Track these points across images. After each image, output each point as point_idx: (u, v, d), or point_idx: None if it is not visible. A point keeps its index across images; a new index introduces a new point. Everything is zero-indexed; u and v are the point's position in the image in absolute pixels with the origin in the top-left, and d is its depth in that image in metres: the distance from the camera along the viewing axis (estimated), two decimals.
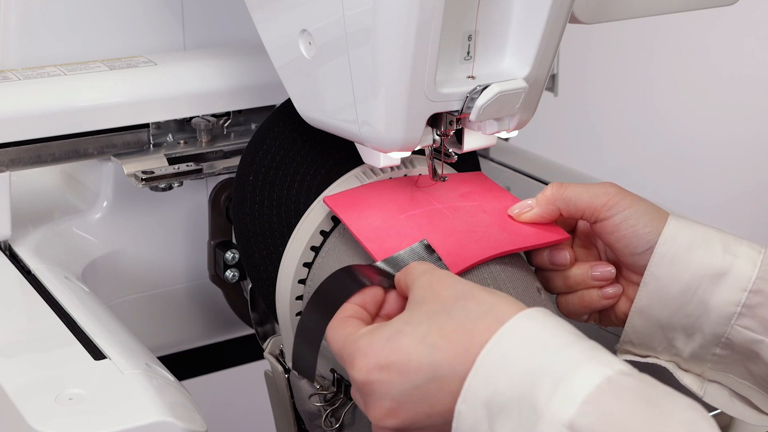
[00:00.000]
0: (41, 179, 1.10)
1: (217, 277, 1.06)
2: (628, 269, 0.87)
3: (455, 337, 0.68)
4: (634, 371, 0.65)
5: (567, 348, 0.66)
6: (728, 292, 0.82)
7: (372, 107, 0.79)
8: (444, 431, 0.69)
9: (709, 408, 0.88)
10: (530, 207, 0.86)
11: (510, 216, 0.87)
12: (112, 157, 1.00)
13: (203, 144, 1.04)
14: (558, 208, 0.86)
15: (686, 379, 0.86)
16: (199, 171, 1.01)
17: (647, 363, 0.87)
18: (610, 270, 0.87)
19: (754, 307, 0.82)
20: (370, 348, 0.70)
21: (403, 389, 0.68)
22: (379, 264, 0.79)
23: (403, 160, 0.90)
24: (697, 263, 0.83)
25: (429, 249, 0.81)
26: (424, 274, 0.74)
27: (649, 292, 0.84)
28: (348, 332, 0.72)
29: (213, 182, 1.06)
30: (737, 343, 0.83)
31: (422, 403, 0.68)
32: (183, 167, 1.01)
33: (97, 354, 0.78)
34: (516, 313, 0.68)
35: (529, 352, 0.66)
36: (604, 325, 0.90)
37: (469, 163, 0.96)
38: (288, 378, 0.92)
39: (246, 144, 0.94)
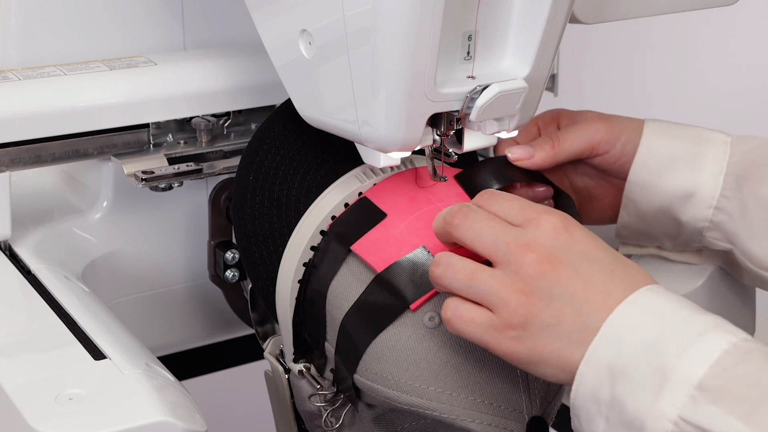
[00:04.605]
0: (41, 179, 1.10)
1: (217, 277, 1.06)
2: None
3: (600, 286, 0.71)
4: (757, 341, 0.67)
5: (692, 317, 0.68)
6: (696, 210, 0.94)
7: (372, 107, 0.79)
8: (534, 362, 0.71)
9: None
10: (530, 155, 0.91)
11: None
12: (112, 157, 1.00)
13: (203, 144, 1.04)
14: (557, 162, 0.93)
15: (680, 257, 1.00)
16: (199, 171, 1.01)
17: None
18: (543, 190, 0.92)
19: (719, 223, 0.93)
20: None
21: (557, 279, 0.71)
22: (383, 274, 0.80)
23: (403, 160, 0.90)
24: (667, 187, 0.94)
25: (429, 255, 0.81)
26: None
27: (629, 212, 0.96)
28: None
29: (213, 182, 1.06)
30: (712, 249, 0.96)
31: (551, 307, 0.71)
32: (183, 167, 1.01)
33: (97, 354, 0.78)
34: (640, 286, 0.70)
35: (654, 321, 0.68)
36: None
37: (469, 163, 0.96)
38: (288, 378, 0.92)
39: (246, 144, 0.94)
